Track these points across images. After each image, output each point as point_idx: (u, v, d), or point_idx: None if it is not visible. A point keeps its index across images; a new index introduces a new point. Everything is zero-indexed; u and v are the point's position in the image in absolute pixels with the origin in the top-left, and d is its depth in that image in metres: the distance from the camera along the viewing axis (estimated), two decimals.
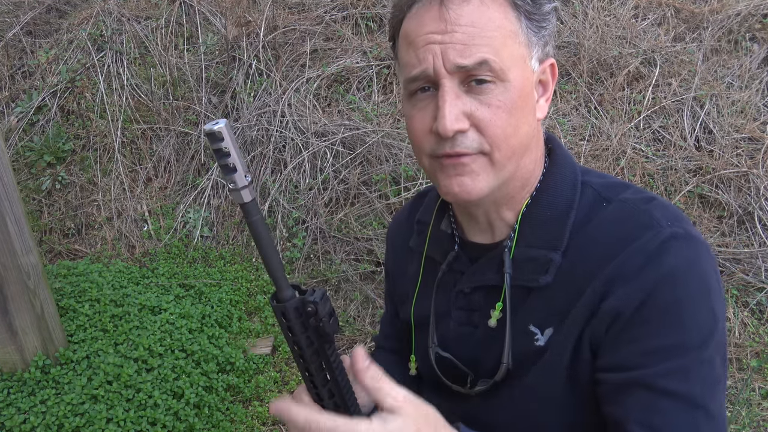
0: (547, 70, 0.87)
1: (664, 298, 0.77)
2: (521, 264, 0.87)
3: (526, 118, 0.82)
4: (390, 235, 1.18)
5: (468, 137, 0.80)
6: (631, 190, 0.87)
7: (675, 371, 0.76)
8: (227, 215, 3.65)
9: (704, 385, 0.77)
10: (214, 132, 0.64)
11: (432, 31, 0.78)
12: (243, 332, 2.97)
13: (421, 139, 0.84)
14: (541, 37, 0.83)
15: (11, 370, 2.32)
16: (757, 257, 3.08)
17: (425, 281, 1.02)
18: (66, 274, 2.89)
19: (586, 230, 0.84)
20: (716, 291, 0.80)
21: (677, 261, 0.77)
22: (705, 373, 0.77)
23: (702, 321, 0.78)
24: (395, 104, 3.84)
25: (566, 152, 0.93)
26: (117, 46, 4.10)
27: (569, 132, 3.66)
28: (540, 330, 0.86)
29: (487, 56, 0.77)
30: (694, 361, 0.77)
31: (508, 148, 0.81)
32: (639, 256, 0.78)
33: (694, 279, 0.78)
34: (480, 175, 0.82)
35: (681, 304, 0.77)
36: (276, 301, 0.75)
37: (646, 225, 0.80)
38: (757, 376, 2.70)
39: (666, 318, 0.77)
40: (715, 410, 0.77)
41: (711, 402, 0.77)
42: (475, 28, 0.77)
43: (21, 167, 3.81)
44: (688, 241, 0.79)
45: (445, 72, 0.78)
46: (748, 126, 3.62)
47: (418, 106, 0.83)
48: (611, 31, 4.04)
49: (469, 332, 0.94)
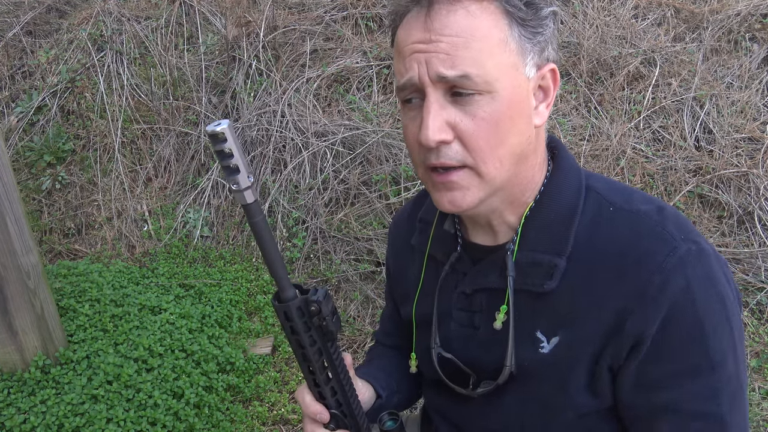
0: (547, 75, 0.85)
1: (686, 319, 0.77)
2: (525, 268, 0.87)
3: (517, 127, 0.81)
4: (391, 234, 1.18)
5: (452, 149, 0.79)
6: (638, 196, 0.86)
7: (702, 392, 0.77)
8: (227, 215, 3.65)
9: (731, 400, 0.78)
10: (216, 133, 0.64)
11: (418, 41, 0.78)
12: (243, 332, 2.97)
13: (413, 149, 0.84)
14: (536, 43, 0.81)
15: (11, 370, 2.31)
16: (757, 257, 3.08)
17: (427, 280, 1.02)
18: (66, 274, 2.89)
19: (596, 238, 0.83)
20: (731, 301, 0.80)
21: (692, 280, 0.77)
22: (730, 389, 0.78)
23: (722, 336, 0.78)
24: (395, 104, 3.84)
25: (570, 156, 0.93)
26: (117, 46, 4.10)
27: (569, 132, 3.66)
28: (546, 338, 0.85)
29: (468, 70, 0.76)
30: (719, 379, 0.77)
31: (494, 160, 0.80)
32: (658, 275, 0.77)
33: (711, 295, 0.78)
34: (469, 190, 0.81)
35: (702, 323, 0.77)
36: (278, 301, 0.75)
37: (662, 240, 0.79)
38: (757, 376, 2.70)
39: (689, 338, 0.77)
40: (741, 424, 0.79)
41: (737, 416, 0.78)
42: (459, 38, 0.76)
43: (21, 167, 3.81)
44: (701, 256, 0.79)
45: (429, 81, 0.78)
46: (748, 126, 3.62)
47: (409, 115, 0.83)
48: (611, 31, 4.04)
49: (469, 333, 0.94)
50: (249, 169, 0.67)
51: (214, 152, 0.92)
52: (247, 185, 0.67)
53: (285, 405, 2.64)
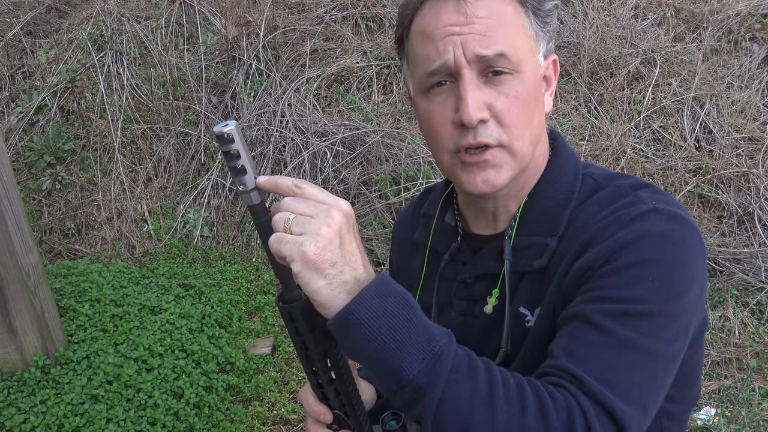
0: (551, 66, 0.90)
1: (629, 257, 0.75)
2: (520, 250, 0.88)
3: (538, 109, 0.86)
4: (396, 229, 1.19)
5: (489, 128, 0.82)
6: (629, 178, 0.88)
7: (615, 312, 0.73)
8: (227, 215, 3.65)
9: (642, 335, 0.72)
10: (224, 134, 0.63)
11: (451, 23, 0.81)
12: (243, 332, 2.97)
13: (442, 133, 0.85)
14: (546, 32, 0.87)
15: (11, 370, 2.31)
16: (757, 257, 3.08)
17: (429, 273, 1.03)
18: (66, 274, 2.89)
19: (582, 216, 0.85)
20: (693, 268, 0.76)
21: (651, 227, 0.76)
22: (648, 327, 0.73)
23: (667, 288, 0.74)
24: (395, 104, 3.84)
25: (568, 146, 0.95)
26: (117, 46, 4.10)
27: (569, 132, 3.66)
28: (530, 311, 0.86)
29: (504, 48, 0.80)
30: (640, 313, 0.73)
31: (525, 138, 0.84)
32: (615, 223, 0.78)
33: (668, 246, 0.76)
34: (503, 168, 0.84)
35: (645, 265, 0.74)
36: (283, 301, 0.75)
37: (631, 203, 0.80)
38: (757, 376, 2.70)
39: (625, 273, 0.74)
40: (647, 363, 0.72)
41: (646, 354, 0.72)
42: (492, 20, 0.80)
43: (21, 167, 3.81)
44: (670, 216, 0.78)
45: (465, 62, 0.80)
46: (748, 126, 3.62)
47: (437, 100, 0.85)
48: (611, 31, 4.04)
49: (470, 322, 0.95)
50: (255, 169, 0.66)
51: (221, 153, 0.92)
52: (253, 186, 0.67)
53: (285, 405, 2.64)
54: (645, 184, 0.85)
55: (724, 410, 2.51)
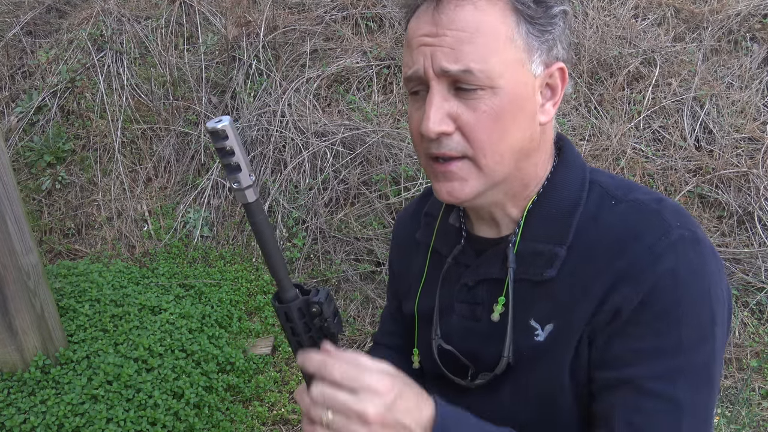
0: (555, 73, 0.85)
1: (663, 300, 0.77)
2: (526, 258, 0.88)
3: (519, 123, 0.82)
4: (396, 229, 1.18)
5: (453, 140, 0.81)
6: (641, 191, 0.87)
7: (664, 373, 0.76)
8: (227, 215, 3.65)
9: (693, 389, 0.77)
10: (217, 130, 0.63)
11: (425, 34, 0.80)
12: (243, 332, 2.97)
13: (416, 139, 0.86)
14: (544, 41, 0.82)
15: (11, 370, 2.31)
16: (757, 257, 3.08)
17: (430, 275, 1.03)
18: (66, 274, 2.89)
19: (594, 227, 0.84)
20: (717, 295, 0.79)
21: (681, 263, 0.77)
22: (695, 378, 0.77)
23: (699, 325, 0.77)
24: (395, 104, 3.84)
25: (576, 152, 0.94)
26: (117, 46, 4.10)
27: (569, 132, 3.66)
28: (540, 325, 0.86)
29: (471, 65, 0.77)
30: (685, 365, 0.76)
31: (495, 154, 0.81)
32: (647, 256, 0.78)
33: (696, 282, 0.77)
34: (467, 181, 0.83)
35: (679, 306, 0.76)
36: (279, 301, 0.74)
37: (656, 225, 0.80)
38: (757, 376, 2.70)
39: (662, 319, 0.77)
40: (701, 414, 0.77)
41: (699, 406, 0.77)
42: (464, 33, 0.77)
43: (21, 167, 3.81)
44: (695, 244, 0.79)
45: (433, 74, 0.79)
46: (748, 126, 3.62)
47: (415, 106, 0.85)
48: (611, 31, 4.04)
49: (471, 326, 0.94)
50: (250, 167, 0.66)
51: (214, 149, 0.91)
52: (248, 184, 0.66)
53: (285, 405, 2.64)
54: (659, 198, 0.85)
55: (724, 410, 2.51)
